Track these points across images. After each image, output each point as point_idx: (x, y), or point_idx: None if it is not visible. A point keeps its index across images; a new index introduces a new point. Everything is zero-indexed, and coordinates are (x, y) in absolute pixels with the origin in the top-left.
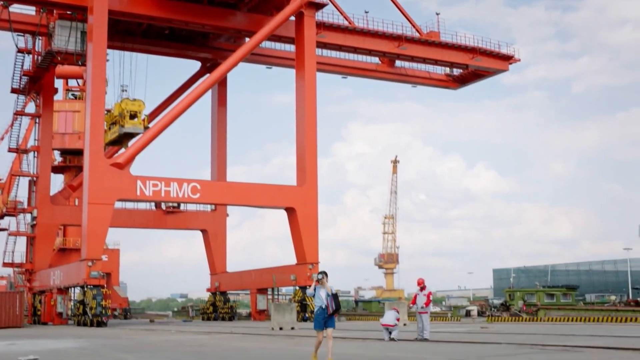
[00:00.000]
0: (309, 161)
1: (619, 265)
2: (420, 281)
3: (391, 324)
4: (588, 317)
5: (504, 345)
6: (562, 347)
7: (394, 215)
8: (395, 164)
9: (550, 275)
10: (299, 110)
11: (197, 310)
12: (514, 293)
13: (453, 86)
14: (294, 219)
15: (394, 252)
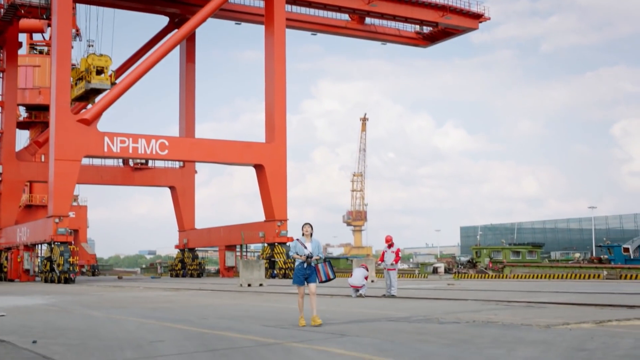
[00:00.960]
0: (277, 118)
1: (583, 223)
2: (388, 238)
3: (359, 286)
4: (552, 274)
5: (470, 302)
6: (527, 303)
7: (362, 173)
8: (365, 122)
9: (516, 233)
10: (268, 67)
11: (165, 267)
12: (481, 250)
13: (423, 44)
14: (262, 176)
15: (362, 209)
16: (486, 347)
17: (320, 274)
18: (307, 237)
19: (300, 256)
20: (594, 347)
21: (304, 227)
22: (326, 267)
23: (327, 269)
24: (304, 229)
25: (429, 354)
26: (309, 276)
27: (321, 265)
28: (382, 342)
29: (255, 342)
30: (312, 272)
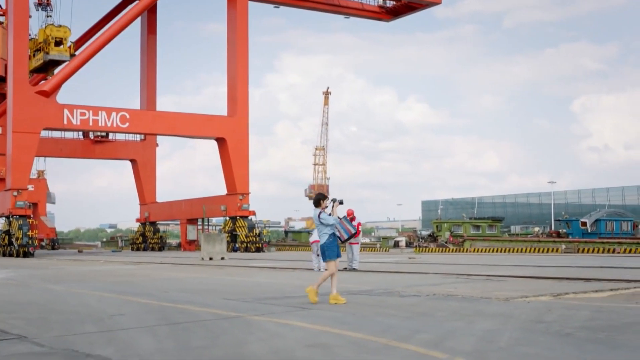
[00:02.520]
0: (240, 91)
1: (543, 197)
2: (349, 212)
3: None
4: (512, 247)
5: (431, 275)
6: (486, 276)
7: (325, 147)
8: (327, 96)
9: (477, 207)
10: (230, 39)
11: (126, 240)
12: (442, 224)
13: (386, 18)
14: (224, 149)
15: (324, 183)
16: (446, 319)
17: (342, 233)
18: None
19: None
20: (551, 319)
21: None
22: (343, 223)
23: (345, 224)
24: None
25: (390, 326)
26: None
27: (340, 224)
28: (344, 315)
29: (217, 315)
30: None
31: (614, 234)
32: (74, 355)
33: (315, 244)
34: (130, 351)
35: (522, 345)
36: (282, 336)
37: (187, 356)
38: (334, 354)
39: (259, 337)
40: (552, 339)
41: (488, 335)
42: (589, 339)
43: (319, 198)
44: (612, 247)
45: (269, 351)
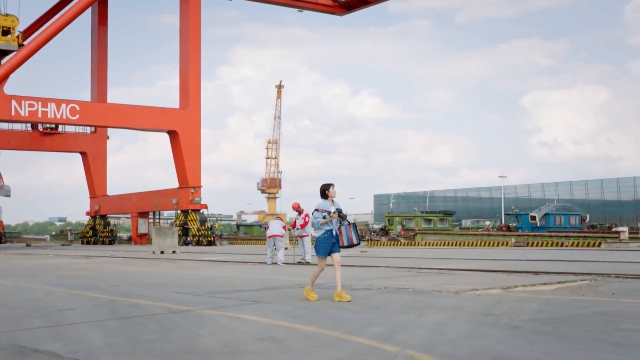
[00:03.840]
0: (192, 84)
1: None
2: (294, 206)
3: (279, 234)
4: (463, 241)
5: (382, 269)
6: (438, 270)
7: (277, 141)
8: (280, 89)
9: (428, 201)
10: (183, 31)
11: (76, 234)
12: (393, 218)
13: (339, 12)
14: (176, 142)
15: (276, 177)
16: (397, 312)
17: (343, 238)
18: (330, 202)
19: (331, 215)
20: (500, 311)
21: (331, 187)
22: (350, 230)
23: (350, 232)
24: (331, 191)
25: (342, 320)
26: (332, 245)
27: (345, 228)
28: (296, 308)
29: (168, 309)
30: (336, 241)
31: (562, 227)
32: (21, 351)
33: (272, 238)
34: (79, 346)
35: (471, 338)
36: (233, 330)
37: (137, 350)
38: (286, 347)
39: (211, 330)
40: (501, 331)
41: (438, 328)
42: (537, 331)
43: (323, 188)
44: (560, 240)
45: (221, 345)
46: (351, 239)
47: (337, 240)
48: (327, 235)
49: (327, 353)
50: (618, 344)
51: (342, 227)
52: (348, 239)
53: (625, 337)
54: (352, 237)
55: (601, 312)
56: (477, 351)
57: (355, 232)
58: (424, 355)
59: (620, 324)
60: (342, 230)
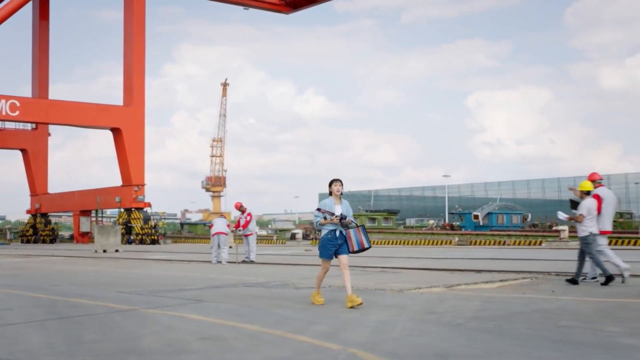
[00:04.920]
0: (136, 81)
1: (437, 191)
2: (237, 205)
3: (223, 232)
4: (407, 240)
5: None
6: (381, 268)
7: (222, 139)
8: (225, 87)
9: (373, 200)
10: (127, 27)
11: (15, 232)
12: None
13: (285, 10)
14: (120, 139)
15: (221, 175)
16: (341, 311)
17: (353, 243)
18: (336, 198)
19: (330, 218)
20: (443, 310)
21: (334, 184)
22: (359, 233)
23: (360, 235)
24: (334, 187)
25: (285, 318)
26: (339, 247)
27: (353, 232)
28: (239, 307)
29: (109, 308)
30: (343, 242)
31: (504, 226)
32: None
33: (216, 236)
34: (18, 347)
35: (414, 336)
36: (176, 329)
37: (77, 351)
38: (229, 346)
39: (153, 330)
40: (443, 329)
41: (382, 326)
42: (479, 329)
43: (329, 184)
44: (502, 239)
45: (163, 344)
46: (362, 243)
47: (344, 241)
48: (331, 236)
49: (271, 352)
50: (558, 340)
51: (350, 231)
52: (358, 243)
53: (564, 333)
54: (362, 240)
55: (541, 310)
56: (419, 349)
57: (365, 234)
58: (367, 354)
59: (560, 321)
60: (351, 235)
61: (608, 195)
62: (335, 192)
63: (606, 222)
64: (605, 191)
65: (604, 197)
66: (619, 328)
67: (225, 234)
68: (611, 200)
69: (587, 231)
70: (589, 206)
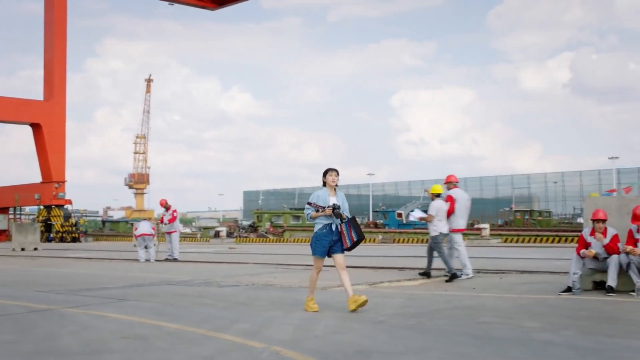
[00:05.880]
0: (57, 75)
1: (362, 189)
2: (162, 202)
3: (148, 233)
4: None
5: (250, 265)
6: (305, 266)
7: (146, 135)
8: (150, 83)
9: (297, 197)
10: (48, 20)
11: None
12: (262, 215)
13: (211, 7)
14: (39, 135)
15: (145, 172)
16: (264, 309)
17: (346, 239)
18: (330, 190)
19: (322, 210)
20: (366, 307)
21: (330, 174)
22: (349, 228)
23: (350, 230)
24: (329, 178)
25: (208, 317)
26: (333, 244)
27: (345, 226)
28: (161, 305)
29: (27, 308)
30: (338, 239)
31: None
32: None
33: (141, 238)
34: None
35: (337, 333)
36: (96, 328)
37: None
38: (150, 345)
39: (72, 329)
40: (366, 326)
41: (305, 324)
42: (401, 325)
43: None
44: (425, 237)
45: (82, 344)
46: (352, 238)
47: (339, 238)
48: (326, 231)
49: (192, 350)
50: (478, 336)
51: (342, 226)
52: (349, 238)
53: (484, 329)
54: (351, 235)
55: (462, 307)
56: (342, 346)
57: (355, 227)
58: (289, 351)
59: (480, 317)
60: (344, 230)
61: (461, 196)
62: (330, 182)
63: (460, 220)
64: (458, 192)
65: (457, 198)
66: (536, 323)
67: (151, 235)
68: (464, 200)
69: (437, 231)
70: (438, 207)
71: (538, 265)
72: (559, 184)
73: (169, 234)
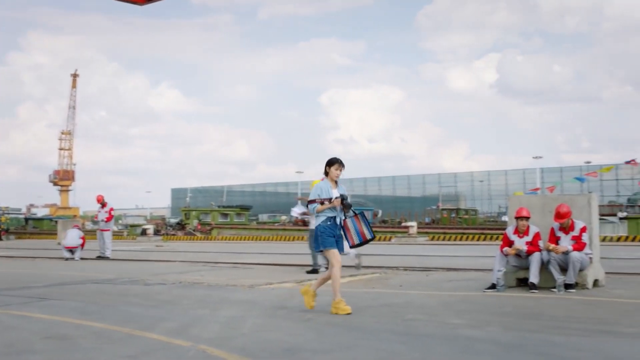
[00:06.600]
0: None
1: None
2: (99, 198)
3: (74, 246)
4: (259, 236)
5: (178, 263)
6: (233, 264)
7: (71, 131)
8: (76, 78)
9: (226, 195)
10: None
11: None
12: (190, 212)
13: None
14: None
15: (70, 169)
16: (191, 307)
17: (352, 234)
18: (332, 182)
19: (326, 202)
20: (293, 305)
21: (335, 166)
22: (359, 222)
23: (360, 225)
24: (335, 171)
25: (134, 315)
26: (337, 240)
27: (351, 221)
28: (86, 304)
29: None
30: (342, 236)
31: None
32: None
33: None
34: None
35: (264, 331)
36: (18, 328)
37: None
38: (74, 345)
39: None
40: (293, 324)
41: (232, 322)
42: (328, 323)
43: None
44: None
45: (4, 344)
46: (363, 235)
47: (342, 235)
48: (330, 224)
49: (117, 350)
50: (404, 333)
51: (347, 221)
52: (359, 234)
53: (411, 326)
54: (363, 231)
55: (389, 304)
56: (269, 344)
57: (366, 223)
58: (216, 350)
59: (407, 314)
60: (349, 225)
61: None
62: (334, 177)
63: None
64: None
65: None
66: (461, 320)
67: (76, 247)
68: None
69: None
70: None
71: (464, 263)
72: (485, 183)
73: (102, 231)
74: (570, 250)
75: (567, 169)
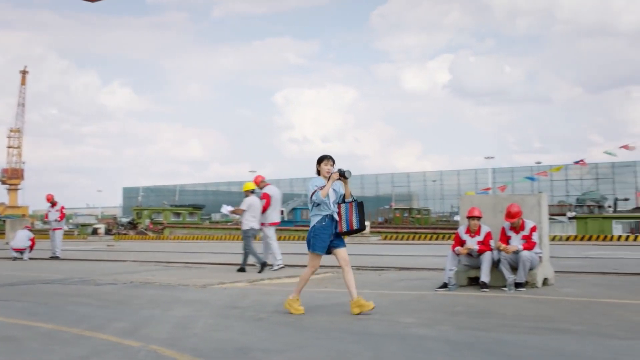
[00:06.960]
0: None
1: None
2: (49, 197)
3: (23, 248)
4: (212, 235)
5: (129, 263)
6: (185, 264)
7: (20, 129)
8: (25, 75)
9: (178, 194)
10: None
11: None
12: (142, 211)
13: None
14: None
15: (19, 167)
16: (142, 307)
17: (342, 221)
18: (325, 180)
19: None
20: (246, 304)
21: (325, 162)
22: (351, 210)
23: (351, 214)
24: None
25: (84, 316)
26: (334, 238)
27: (345, 207)
28: (35, 305)
29: None
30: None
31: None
32: None
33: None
34: None
35: (216, 331)
36: None
37: None
38: (22, 346)
39: None
40: (246, 324)
41: (184, 321)
42: (281, 322)
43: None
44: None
45: None
46: (350, 223)
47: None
48: (326, 223)
49: (67, 350)
50: (356, 332)
51: (341, 206)
52: (347, 222)
53: (362, 325)
54: (352, 220)
55: (342, 303)
56: (221, 344)
57: (357, 213)
58: (167, 350)
59: None
60: (342, 211)
61: (275, 192)
62: (325, 173)
63: (274, 215)
64: (272, 189)
65: (271, 195)
66: (413, 319)
67: (24, 249)
68: (278, 196)
69: (248, 225)
70: (250, 203)
71: (416, 262)
72: (438, 183)
73: (53, 230)
74: (521, 249)
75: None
